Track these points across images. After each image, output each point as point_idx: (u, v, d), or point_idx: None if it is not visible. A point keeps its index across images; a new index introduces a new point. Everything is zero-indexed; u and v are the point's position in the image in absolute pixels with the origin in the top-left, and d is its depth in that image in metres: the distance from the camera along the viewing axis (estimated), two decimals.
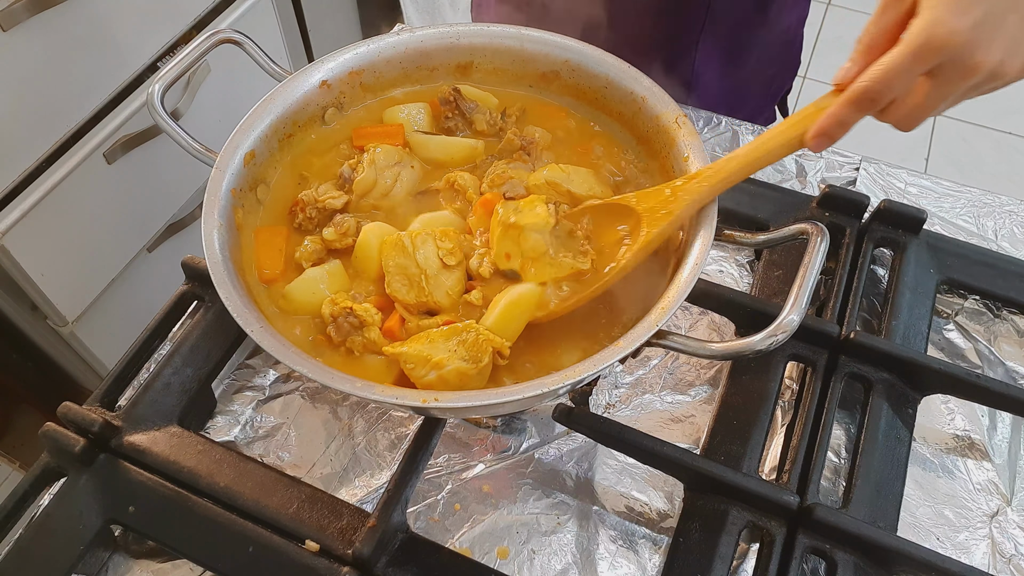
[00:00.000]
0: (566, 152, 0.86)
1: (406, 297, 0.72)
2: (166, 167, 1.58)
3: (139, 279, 1.64)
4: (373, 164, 0.80)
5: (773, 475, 0.77)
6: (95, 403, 0.79)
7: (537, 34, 0.88)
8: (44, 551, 0.71)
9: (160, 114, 0.79)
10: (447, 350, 0.67)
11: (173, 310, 0.86)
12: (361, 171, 0.80)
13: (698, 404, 0.84)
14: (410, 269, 0.72)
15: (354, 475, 0.80)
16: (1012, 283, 0.89)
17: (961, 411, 0.84)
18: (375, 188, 0.80)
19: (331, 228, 0.77)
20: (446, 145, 0.85)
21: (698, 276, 0.67)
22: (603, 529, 0.76)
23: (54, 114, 1.36)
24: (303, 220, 0.78)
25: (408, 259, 0.72)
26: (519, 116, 0.89)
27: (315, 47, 2.06)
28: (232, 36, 0.85)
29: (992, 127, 2.83)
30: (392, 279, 0.73)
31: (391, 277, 0.73)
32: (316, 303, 0.72)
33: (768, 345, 0.62)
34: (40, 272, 1.38)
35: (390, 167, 0.81)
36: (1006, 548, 0.75)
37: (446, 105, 0.87)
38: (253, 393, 0.86)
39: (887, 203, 0.92)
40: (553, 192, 0.79)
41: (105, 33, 1.40)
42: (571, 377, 0.61)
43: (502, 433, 0.82)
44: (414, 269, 0.72)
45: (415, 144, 0.85)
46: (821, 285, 0.91)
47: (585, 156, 0.86)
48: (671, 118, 0.79)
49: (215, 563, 0.70)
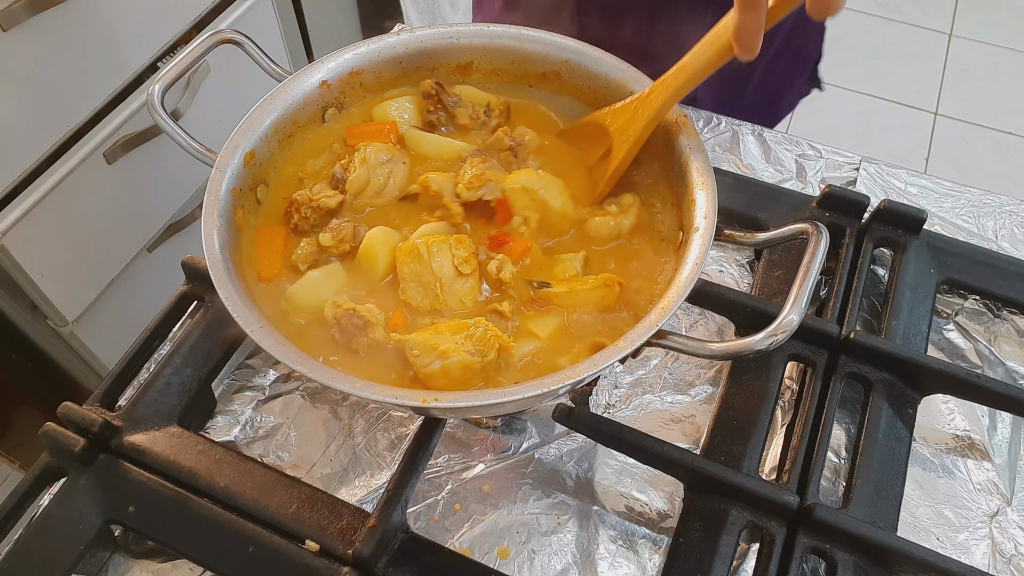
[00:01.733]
0: (556, 156, 0.86)
1: (420, 304, 0.72)
2: (166, 167, 1.58)
3: (139, 279, 1.64)
4: (365, 163, 0.80)
5: (773, 475, 0.77)
6: (95, 403, 0.79)
7: (537, 34, 0.88)
8: (44, 551, 0.71)
9: (160, 114, 0.79)
10: (454, 341, 0.67)
11: (173, 310, 0.85)
12: (353, 170, 0.80)
13: (698, 404, 0.84)
14: (425, 276, 0.72)
15: (354, 475, 0.80)
16: (1012, 283, 0.89)
17: (961, 411, 0.84)
18: (368, 187, 0.80)
19: (327, 234, 0.77)
20: (437, 144, 0.85)
21: (698, 276, 0.67)
22: (603, 529, 0.76)
23: (54, 114, 1.36)
24: (299, 220, 0.78)
25: (423, 266, 0.72)
26: (502, 111, 0.89)
27: (315, 47, 2.06)
28: (232, 36, 0.85)
29: (992, 127, 2.83)
30: (406, 286, 0.73)
31: (405, 284, 0.73)
32: (318, 305, 0.73)
33: (768, 345, 0.62)
34: (40, 272, 1.38)
35: (381, 164, 0.81)
36: (1006, 548, 0.75)
37: (428, 99, 0.87)
38: (253, 393, 0.86)
39: (887, 203, 0.92)
40: (528, 199, 0.79)
41: (105, 33, 1.40)
42: (571, 377, 0.61)
43: (502, 433, 0.82)
44: (429, 276, 0.72)
45: (410, 139, 0.86)
46: (821, 285, 0.91)
47: (569, 158, 0.86)
48: (671, 118, 0.79)
49: (215, 563, 0.70)
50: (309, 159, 0.85)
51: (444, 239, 0.74)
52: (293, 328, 0.72)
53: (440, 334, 0.68)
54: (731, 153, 1.07)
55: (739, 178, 0.99)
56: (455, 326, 0.68)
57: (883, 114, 2.85)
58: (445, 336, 0.68)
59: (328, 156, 0.85)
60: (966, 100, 2.92)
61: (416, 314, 0.73)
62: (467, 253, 0.74)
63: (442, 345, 0.66)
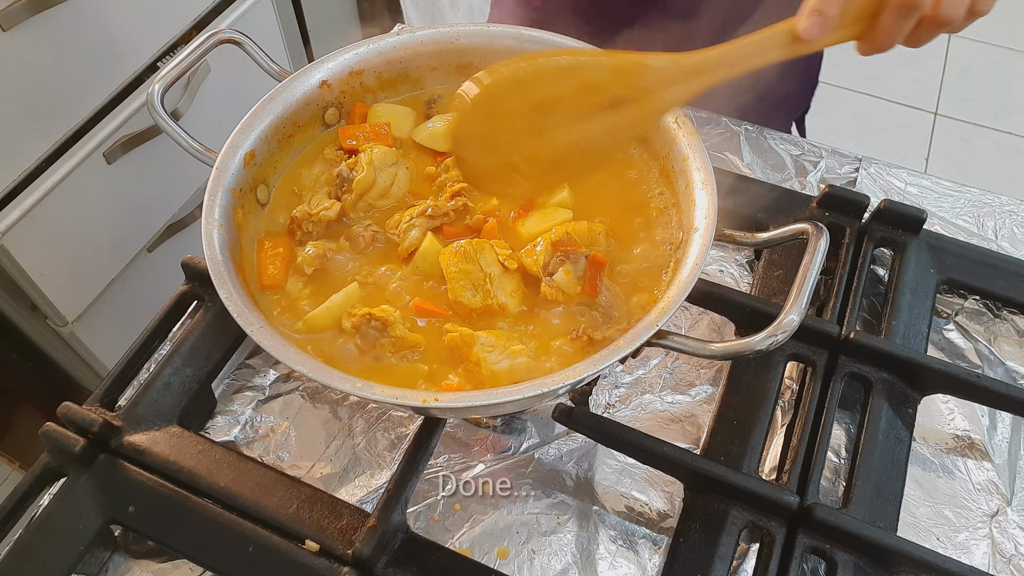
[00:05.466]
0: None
1: (471, 301, 0.73)
2: (166, 167, 1.58)
3: (139, 279, 1.64)
4: (371, 164, 0.80)
5: (773, 475, 0.77)
6: (95, 403, 0.79)
7: (537, 34, 0.88)
8: (44, 551, 0.71)
9: (160, 114, 0.79)
10: (522, 343, 0.69)
11: (173, 310, 0.85)
12: (361, 171, 0.80)
13: (698, 404, 0.84)
14: (475, 274, 0.73)
15: (354, 475, 0.80)
16: (1012, 283, 0.89)
17: (961, 411, 0.84)
18: (373, 188, 0.80)
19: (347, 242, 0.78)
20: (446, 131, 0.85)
21: (698, 276, 0.67)
22: (603, 529, 0.76)
23: (54, 114, 1.36)
24: (302, 236, 0.79)
25: (472, 264, 0.74)
26: None
27: (315, 47, 2.06)
28: (232, 36, 0.85)
29: (992, 127, 2.83)
30: (455, 284, 0.73)
31: (454, 283, 0.73)
32: (336, 322, 0.73)
33: (768, 345, 0.62)
34: (40, 272, 1.38)
35: (387, 167, 0.82)
36: (1006, 548, 0.75)
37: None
38: (253, 393, 0.86)
39: (887, 203, 0.92)
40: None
41: (105, 33, 1.40)
42: (571, 377, 0.61)
43: (502, 433, 0.82)
44: (479, 273, 0.73)
45: (425, 139, 0.87)
46: (821, 285, 0.91)
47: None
48: (671, 118, 0.79)
49: (215, 563, 0.70)
50: (303, 169, 0.85)
51: (483, 241, 0.76)
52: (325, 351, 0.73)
53: (505, 335, 0.70)
54: (731, 153, 1.07)
55: (739, 178, 0.99)
56: (509, 333, 0.71)
57: (883, 114, 2.85)
58: (511, 336, 0.70)
59: (321, 164, 0.86)
60: (966, 100, 2.92)
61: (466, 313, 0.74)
62: (509, 251, 0.75)
63: (512, 345, 0.68)
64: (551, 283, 0.73)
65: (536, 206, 0.81)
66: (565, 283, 0.73)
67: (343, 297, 0.74)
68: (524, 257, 0.75)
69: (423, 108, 0.90)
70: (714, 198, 0.72)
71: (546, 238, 0.75)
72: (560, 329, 0.73)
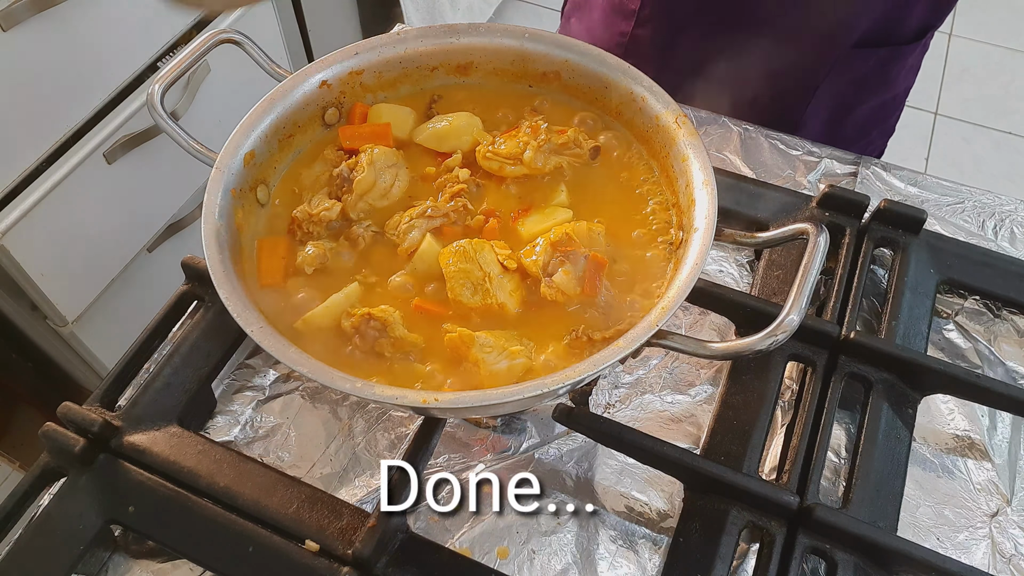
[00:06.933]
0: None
1: (470, 301, 0.73)
2: (166, 167, 1.58)
3: (139, 279, 1.64)
4: (372, 164, 0.80)
5: (773, 475, 0.77)
6: (95, 403, 0.79)
7: (537, 34, 0.88)
8: (44, 551, 0.71)
9: (160, 114, 0.79)
10: (521, 344, 0.69)
11: (173, 310, 0.85)
12: (361, 171, 0.80)
13: (698, 404, 0.84)
14: (474, 273, 0.73)
15: (354, 475, 0.80)
16: (1012, 283, 0.89)
17: (961, 411, 0.84)
18: (374, 189, 0.80)
19: (345, 241, 0.79)
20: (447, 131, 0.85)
21: (698, 276, 0.67)
22: (603, 529, 0.75)
23: (54, 114, 1.36)
24: (302, 236, 0.79)
25: (472, 264, 0.73)
26: None
27: (315, 47, 2.06)
28: (232, 36, 0.85)
29: (992, 127, 2.83)
30: (455, 284, 0.73)
31: (454, 283, 0.73)
32: (336, 322, 0.73)
33: (768, 345, 0.62)
34: (40, 272, 1.38)
35: (387, 168, 0.82)
36: (1006, 548, 0.75)
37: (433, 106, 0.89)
38: (253, 393, 0.86)
39: (887, 203, 0.92)
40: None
41: (105, 33, 1.40)
42: (571, 377, 0.61)
43: (502, 433, 0.82)
44: (478, 273, 0.73)
45: (425, 140, 0.86)
46: (821, 285, 0.91)
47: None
48: (671, 118, 0.79)
49: (215, 563, 0.70)
50: (303, 169, 0.85)
51: (483, 241, 0.75)
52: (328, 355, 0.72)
53: (503, 336, 0.70)
54: (731, 153, 1.07)
55: (739, 178, 0.99)
56: (509, 334, 0.70)
57: None
58: (509, 337, 0.70)
59: (322, 164, 0.85)
60: (966, 100, 2.92)
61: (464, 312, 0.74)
62: (509, 251, 0.75)
63: (512, 346, 0.68)
64: (551, 283, 0.73)
65: (535, 206, 0.81)
66: (565, 283, 0.73)
67: (343, 297, 0.74)
68: (524, 257, 0.75)
69: (423, 108, 0.90)
70: (714, 198, 0.72)
71: (546, 238, 0.75)
72: (560, 329, 0.73)
